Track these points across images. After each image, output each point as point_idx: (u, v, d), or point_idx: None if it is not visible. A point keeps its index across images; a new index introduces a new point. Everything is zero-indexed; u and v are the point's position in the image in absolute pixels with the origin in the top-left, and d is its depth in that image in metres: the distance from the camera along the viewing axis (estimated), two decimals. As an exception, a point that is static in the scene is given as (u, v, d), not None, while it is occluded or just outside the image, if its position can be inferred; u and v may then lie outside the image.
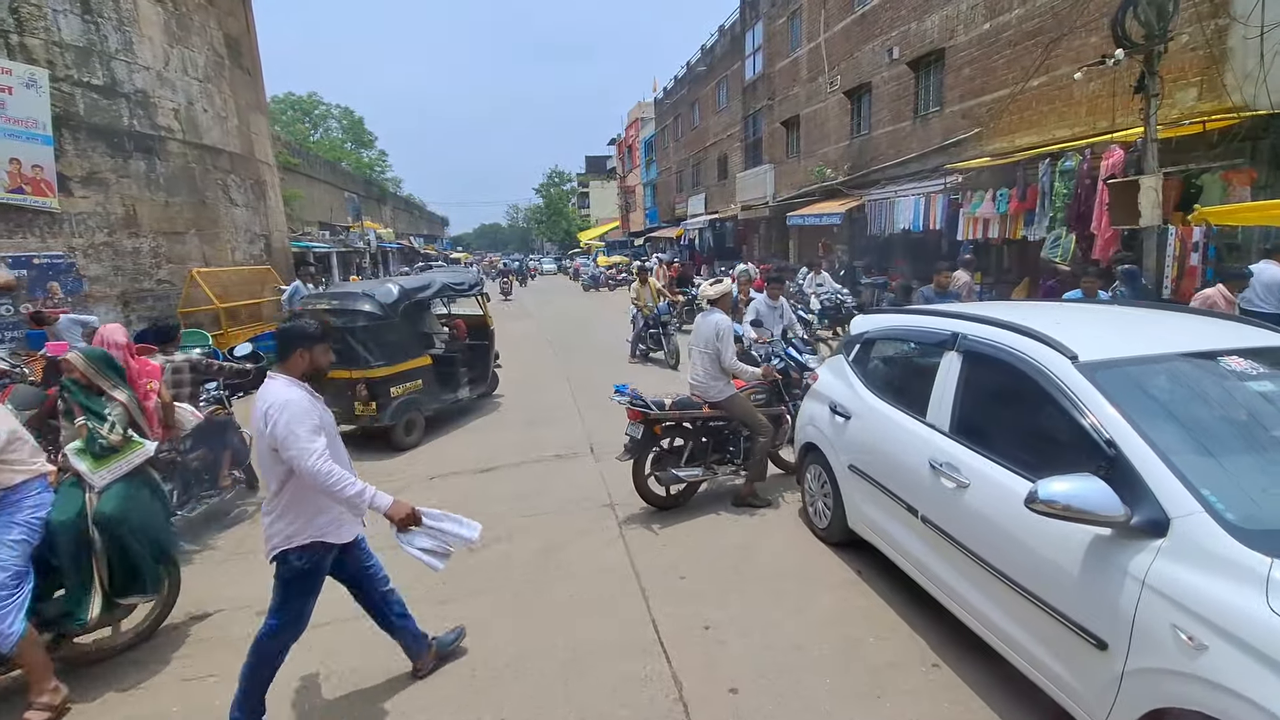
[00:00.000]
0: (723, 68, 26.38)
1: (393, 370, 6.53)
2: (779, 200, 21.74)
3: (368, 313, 6.45)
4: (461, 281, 8.18)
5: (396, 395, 6.53)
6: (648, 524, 4.58)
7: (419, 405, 6.86)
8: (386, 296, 6.65)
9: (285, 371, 2.64)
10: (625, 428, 4.68)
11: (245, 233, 12.41)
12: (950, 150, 13.77)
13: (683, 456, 4.74)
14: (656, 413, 4.58)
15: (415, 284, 7.45)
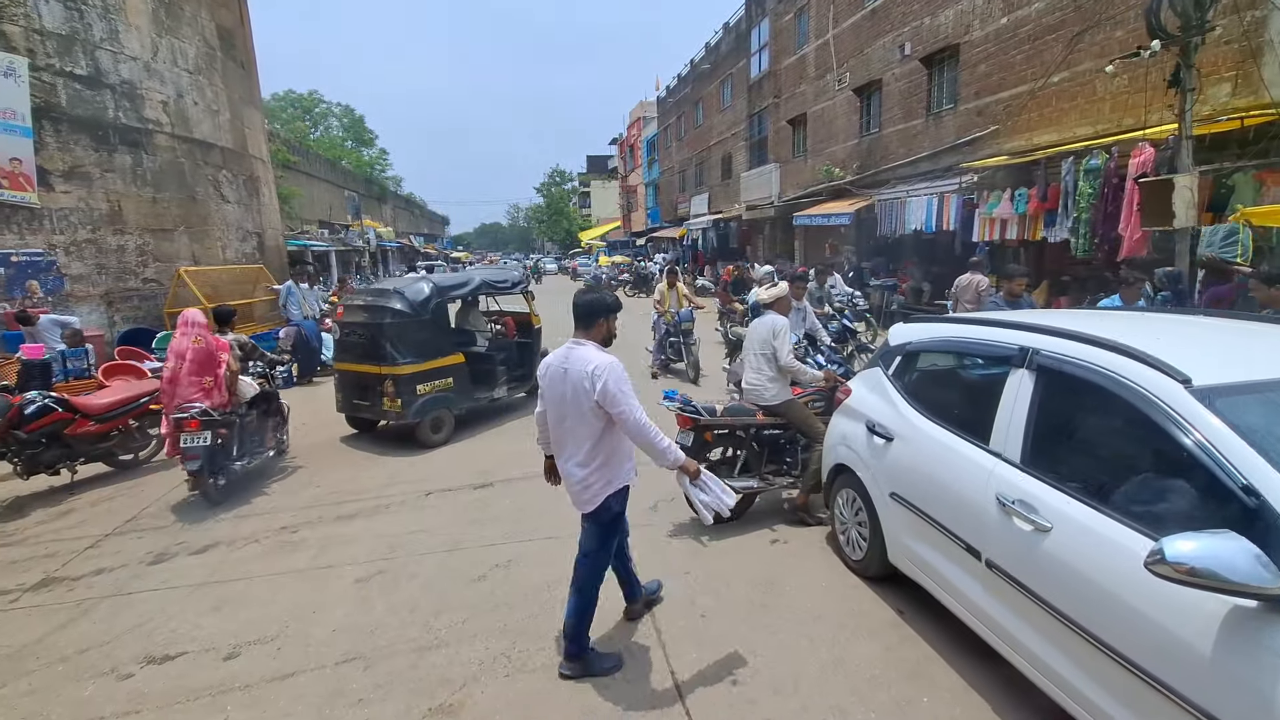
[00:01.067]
0: (727, 65, 25.98)
1: (419, 368, 6.49)
2: (784, 200, 21.33)
3: (395, 310, 6.45)
4: (504, 280, 7.98)
5: (423, 393, 6.50)
6: (661, 550, 4.17)
7: (449, 403, 6.82)
8: (417, 295, 6.62)
9: (589, 338, 2.95)
10: (675, 436, 4.33)
11: (237, 230, 12.00)
12: (964, 149, 13.37)
13: (736, 466, 4.41)
14: (708, 419, 4.26)
15: (451, 282, 7.35)
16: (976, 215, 12.18)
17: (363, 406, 6.80)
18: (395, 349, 6.38)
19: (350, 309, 6.91)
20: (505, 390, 7.69)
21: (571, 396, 2.84)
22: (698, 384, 8.52)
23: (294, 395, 9.36)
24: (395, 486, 5.50)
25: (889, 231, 15.13)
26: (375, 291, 6.99)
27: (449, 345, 6.99)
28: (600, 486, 2.88)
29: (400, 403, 6.37)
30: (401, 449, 6.76)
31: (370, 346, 6.47)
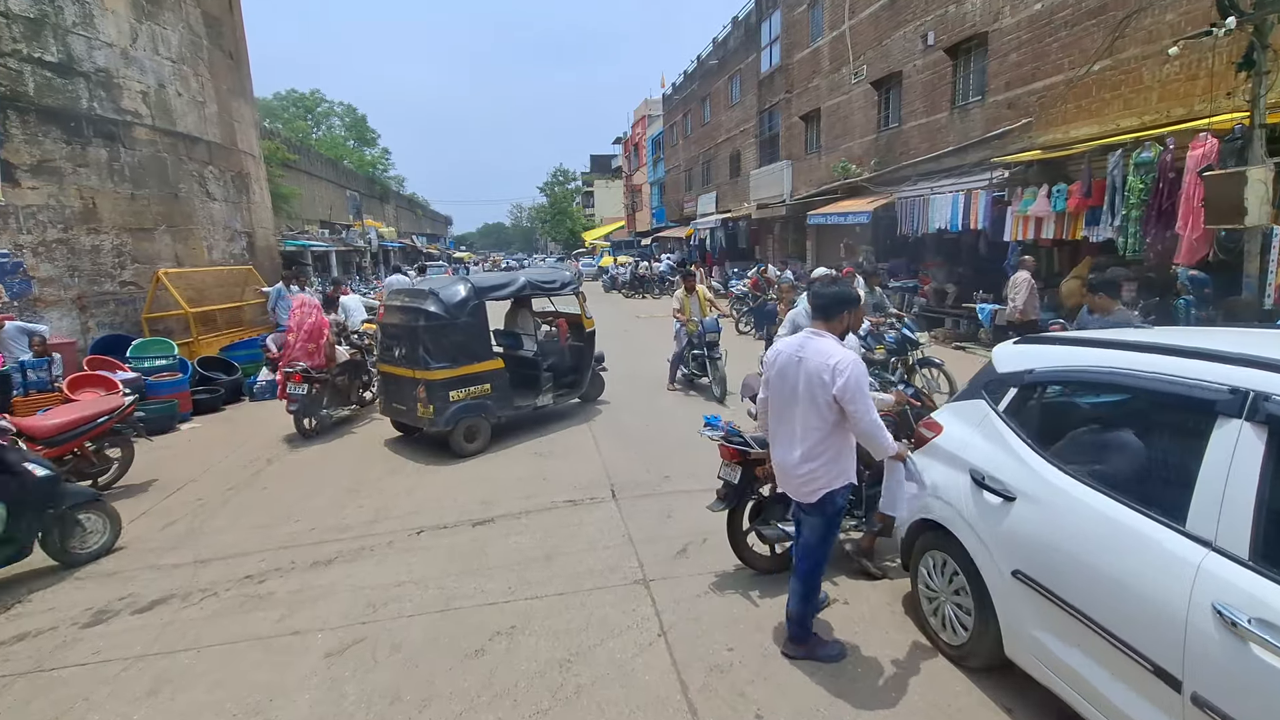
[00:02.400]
0: (736, 60, 25.27)
1: (452, 373, 6.18)
2: (796, 198, 20.62)
3: (429, 313, 6.16)
4: (551, 280, 7.42)
5: (456, 399, 6.21)
6: (693, 611, 3.47)
7: (485, 411, 6.48)
8: (451, 297, 6.30)
9: (830, 330, 2.89)
10: (719, 469, 3.75)
11: (224, 229, 11.33)
12: (993, 143, 12.64)
13: (791, 506, 3.70)
14: (759, 451, 3.59)
15: (490, 283, 6.89)
16: (1009, 213, 11.46)
17: (400, 411, 6.59)
18: (428, 353, 6.09)
19: (389, 310, 6.72)
20: (551, 398, 7.19)
21: (805, 388, 2.81)
22: (724, 403, 7.70)
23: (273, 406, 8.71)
24: (384, 521, 4.81)
25: (910, 231, 14.40)
26: (411, 293, 6.68)
27: (486, 350, 6.64)
28: (827, 480, 2.85)
29: (432, 409, 6.08)
30: (405, 460, 6.21)
31: (405, 349, 6.31)
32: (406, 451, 6.60)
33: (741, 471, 3.65)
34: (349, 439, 7.22)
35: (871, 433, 2.71)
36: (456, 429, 6.24)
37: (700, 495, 4.90)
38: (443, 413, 6.11)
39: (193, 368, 8.79)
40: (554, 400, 7.23)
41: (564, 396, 7.45)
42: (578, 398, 7.68)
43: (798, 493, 2.93)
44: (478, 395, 6.37)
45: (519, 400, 6.88)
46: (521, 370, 7.27)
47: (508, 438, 6.73)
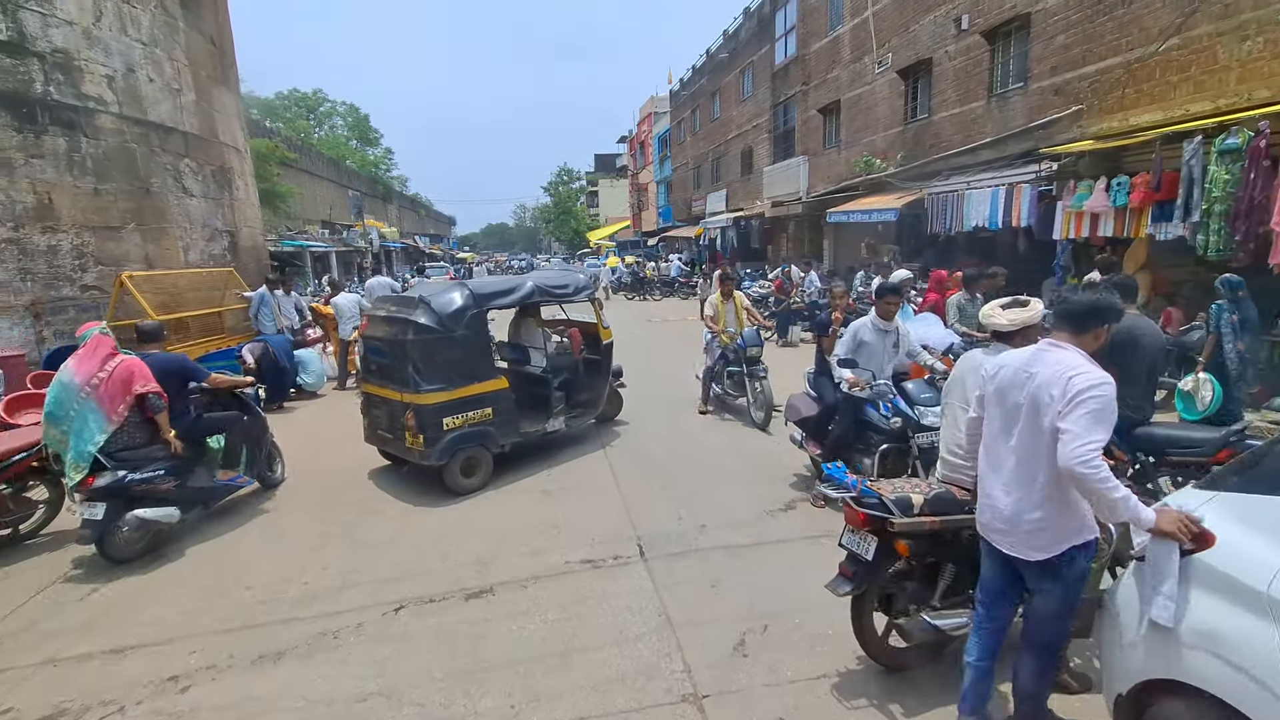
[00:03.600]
0: (748, 53, 24.29)
1: (447, 396, 5.29)
2: (814, 196, 19.64)
3: (419, 325, 5.26)
4: (564, 285, 6.48)
5: (452, 428, 5.31)
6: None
7: (487, 439, 5.57)
8: (445, 306, 5.41)
9: (1077, 343, 2.33)
10: (841, 536, 2.87)
11: (203, 228, 10.41)
12: (1037, 134, 11.64)
13: (938, 588, 2.79)
14: (903, 519, 2.65)
15: (492, 289, 5.94)
16: (1059, 209, 10.45)
17: (388, 439, 5.69)
18: (418, 372, 5.20)
19: (372, 321, 5.86)
20: (563, 421, 6.26)
21: (1029, 409, 2.29)
22: (767, 430, 6.69)
23: None
24: (355, 589, 3.85)
25: (943, 229, 13.37)
26: (399, 300, 5.81)
27: (488, 367, 5.74)
28: (1062, 532, 2.28)
29: (423, 440, 5.20)
30: (388, 498, 5.30)
31: (391, 367, 5.45)
32: (390, 485, 5.67)
33: (878, 545, 2.69)
34: (326, 471, 6.27)
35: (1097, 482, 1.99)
36: (452, 462, 5.33)
37: (747, 553, 3.95)
38: (435, 443, 5.20)
39: (159, 382, 7.86)
40: (567, 423, 6.30)
41: (578, 418, 6.51)
42: (593, 419, 6.74)
43: (1022, 549, 2.32)
44: (478, 421, 5.45)
45: (526, 425, 5.96)
46: (529, 389, 6.37)
47: (510, 468, 5.79)
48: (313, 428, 7.87)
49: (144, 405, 4.46)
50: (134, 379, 4.41)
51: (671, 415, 7.39)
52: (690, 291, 24.73)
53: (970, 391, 2.75)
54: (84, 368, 4.40)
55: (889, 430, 4.25)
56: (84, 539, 4.22)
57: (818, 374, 5.15)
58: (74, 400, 4.28)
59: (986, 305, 2.91)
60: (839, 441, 4.55)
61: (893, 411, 4.25)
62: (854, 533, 2.78)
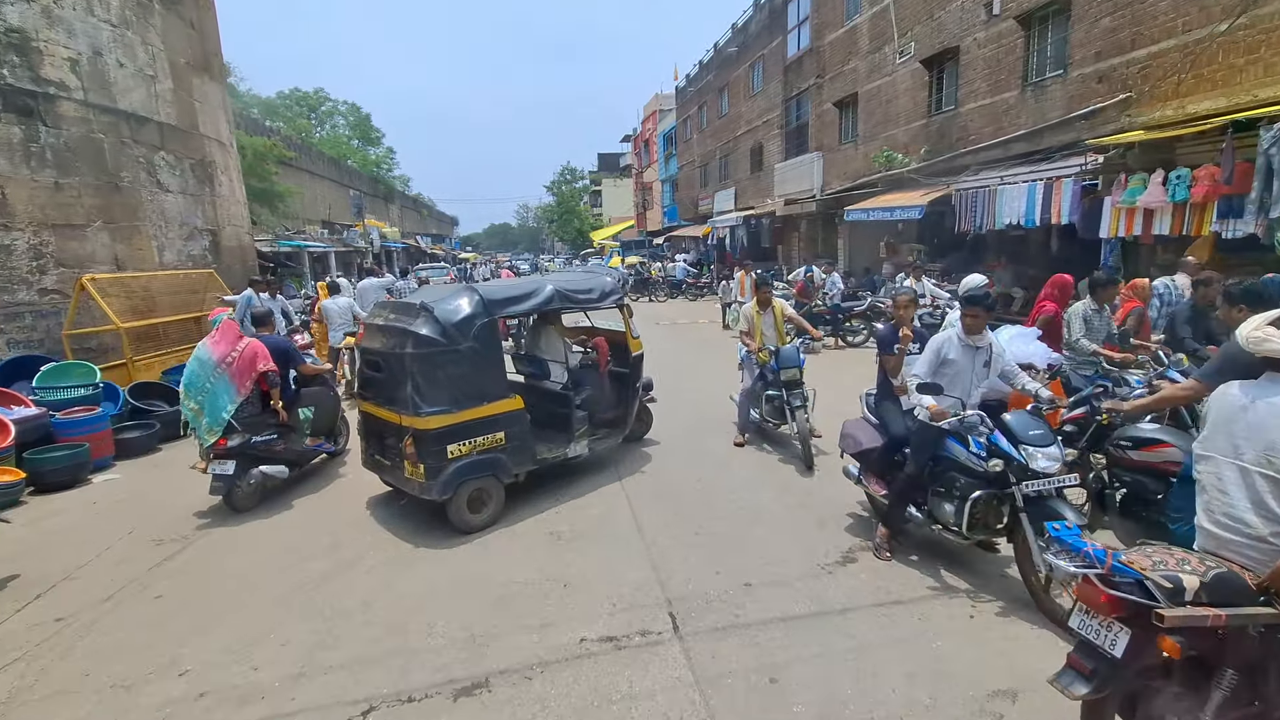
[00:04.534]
0: (759, 46, 23.47)
1: (452, 420, 4.56)
2: (829, 193, 18.83)
3: (420, 336, 4.52)
4: (587, 289, 5.65)
5: (456, 456, 4.57)
6: None
7: (498, 468, 4.81)
8: (450, 314, 4.66)
9: None
10: (1071, 614, 2.16)
11: (181, 227, 9.65)
12: (1078, 124, 10.83)
13: (1211, 700, 1.96)
14: (1175, 612, 1.87)
15: (504, 294, 5.13)
16: (1106, 205, 9.65)
17: (385, 467, 4.96)
18: (418, 392, 4.48)
19: (369, 331, 5.11)
20: (586, 444, 5.46)
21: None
22: (812, 469, 5.50)
23: None
24: (314, 677, 3.05)
25: (973, 226, 12.54)
26: (398, 308, 5.03)
27: (500, 385, 4.94)
28: None
29: (423, 470, 4.47)
30: (376, 538, 4.53)
31: (388, 385, 4.74)
32: (385, 520, 4.91)
33: (1131, 639, 1.92)
34: (311, 498, 5.49)
35: None
36: (457, 496, 4.57)
37: (807, 627, 3.18)
38: (438, 474, 4.46)
39: (124, 397, 7.10)
40: (590, 447, 5.49)
41: (603, 440, 5.69)
42: (618, 439, 5.89)
43: None
44: (487, 448, 4.71)
45: (544, 450, 5.19)
46: (547, 408, 5.60)
47: (513, 502, 4.97)
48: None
49: (263, 380, 5.32)
50: (258, 359, 5.32)
51: (697, 439, 6.51)
52: (698, 293, 23.91)
53: (1245, 439, 2.01)
54: (219, 348, 5.34)
55: (983, 474, 3.38)
56: (215, 490, 5.02)
57: (880, 398, 4.34)
58: (210, 375, 5.20)
59: (1249, 324, 2.10)
60: (911, 483, 3.73)
61: (988, 450, 3.39)
62: (1092, 616, 2.02)
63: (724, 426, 6.67)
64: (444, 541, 4.48)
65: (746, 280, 12.62)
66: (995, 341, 3.81)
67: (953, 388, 3.65)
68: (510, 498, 4.93)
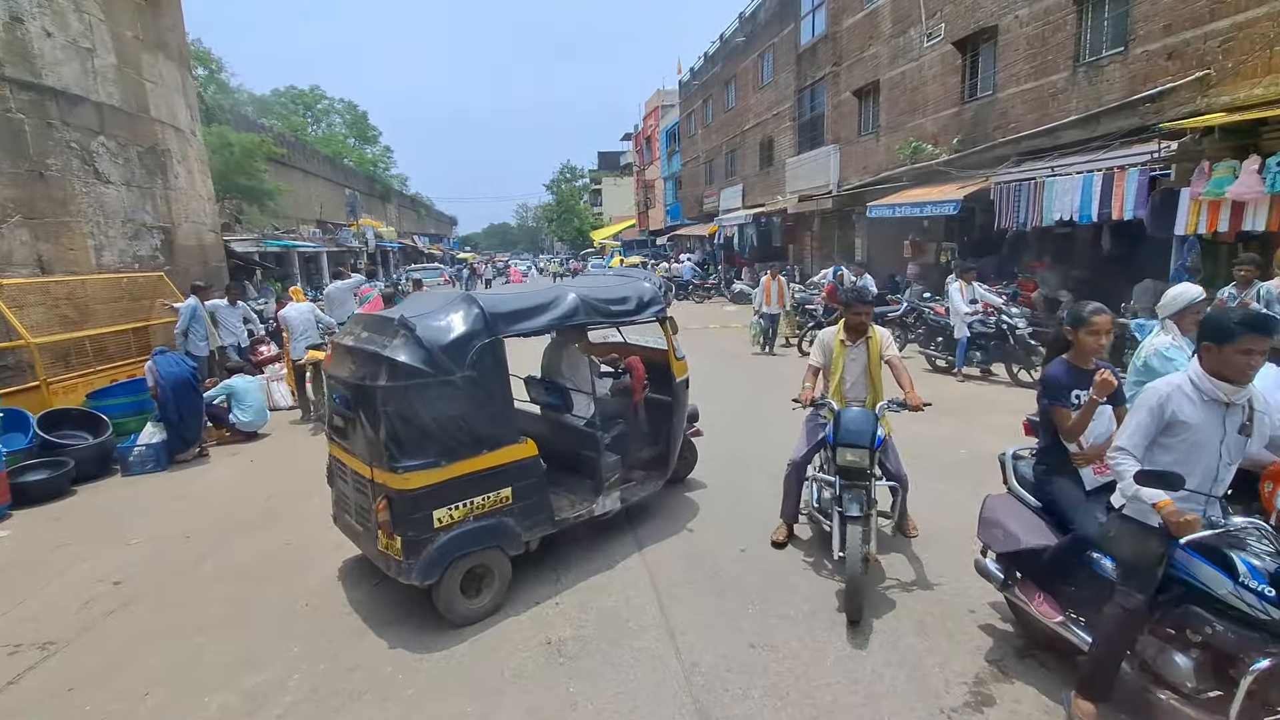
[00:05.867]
0: (768, 35, 22.27)
1: (439, 476, 3.39)
2: (846, 188, 17.63)
3: (395, 364, 3.32)
4: (621, 299, 4.37)
5: (446, 524, 3.41)
6: None
7: (503, 537, 3.62)
8: (439, 334, 3.47)
9: None
10: None
11: (124, 224, 8.43)
12: (1141, 108, 9.62)
13: None
14: None
15: (515, 305, 3.86)
16: (1183, 198, 8.41)
17: (357, 532, 3.79)
18: (394, 440, 3.31)
19: (337, 353, 3.91)
20: (618, 496, 4.23)
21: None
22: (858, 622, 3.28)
23: (152, 486, 5.82)
24: None
25: (1015, 223, 11.32)
26: (372, 324, 3.79)
27: (506, 426, 3.71)
28: None
29: (400, 544, 3.31)
30: (320, 634, 3.29)
31: (357, 426, 3.54)
32: (336, 605, 3.72)
33: None
34: (242, 567, 4.25)
35: None
36: (446, 578, 3.40)
37: None
38: (420, 550, 3.32)
39: (34, 428, 5.88)
40: (623, 498, 4.28)
41: (639, 487, 4.49)
42: (659, 485, 4.62)
43: None
44: (489, 510, 3.55)
45: (565, 507, 4.02)
46: (568, 449, 4.42)
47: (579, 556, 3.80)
48: (240, 487, 5.87)
49: None
50: None
51: (733, 484, 5.18)
52: (705, 294, 22.69)
53: None
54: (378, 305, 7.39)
55: (1272, 623, 2.02)
56: None
57: (1049, 470, 2.89)
58: None
59: None
60: (1134, 623, 2.28)
61: (1276, 580, 2.02)
62: None
63: (764, 466, 5.41)
64: (414, 643, 3.26)
65: (774, 286, 11.01)
66: (1258, 393, 2.40)
67: (1189, 467, 2.28)
68: (590, 545, 3.81)
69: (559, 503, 3.98)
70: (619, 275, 4.97)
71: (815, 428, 4.04)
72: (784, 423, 6.50)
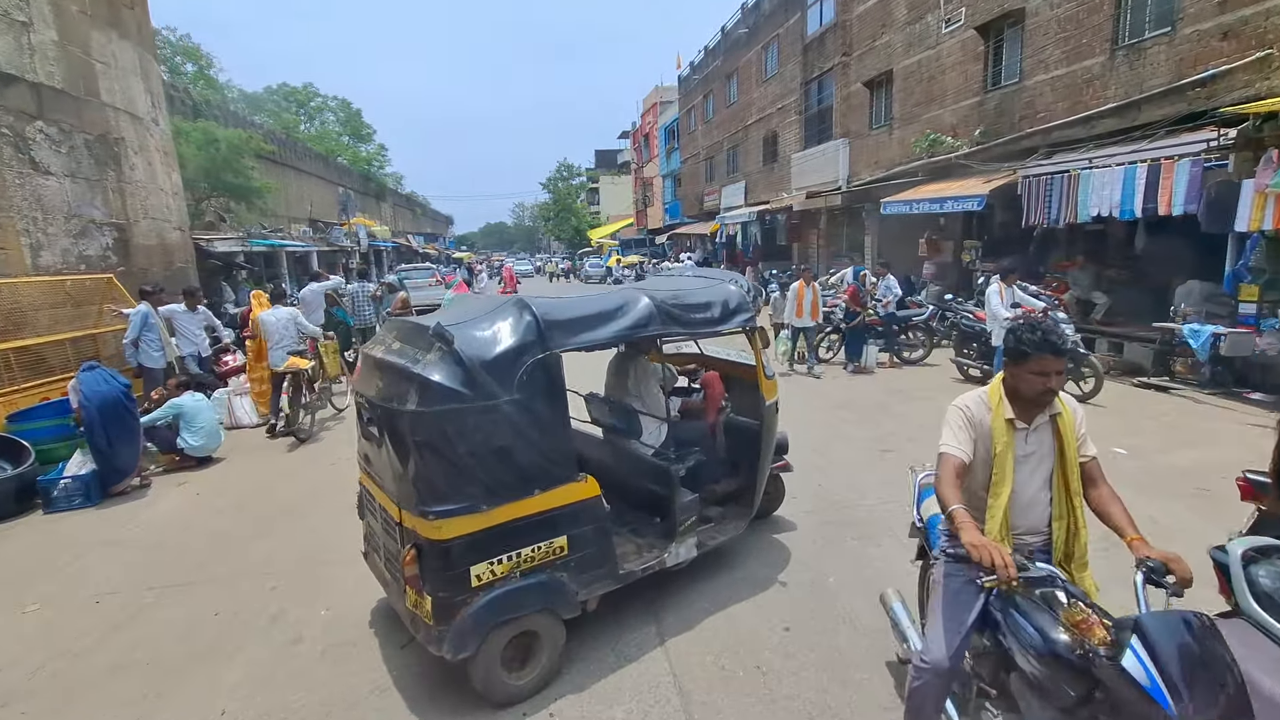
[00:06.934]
0: (773, 25, 21.43)
1: (479, 524, 2.71)
2: (857, 184, 16.82)
3: (427, 385, 2.66)
4: (704, 305, 3.57)
5: (487, 582, 2.75)
6: None
7: (556, 597, 2.93)
8: (482, 348, 2.78)
9: None
10: None
11: (68, 220, 7.56)
12: (1190, 93, 8.81)
13: None
14: None
15: (575, 313, 3.11)
16: (1247, 189, 7.60)
17: (386, 579, 3.20)
18: (423, 477, 2.68)
19: (365, 365, 3.25)
20: (694, 542, 3.47)
21: None
22: None
23: (76, 526, 4.96)
24: None
25: (1046, 218, 10.49)
26: (405, 332, 3.14)
27: (563, 460, 2.98)
28: None
29: (430, 606, 2.68)
30: None
31: (384, 456, 2.93)
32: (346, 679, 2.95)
33: None
34: (187, 640, 3.40)
35: None
36: (487, 649, 2.74)
37: None
38: (453, 614, 2.68)
39: None
40: (700, 544, 3.52)
41: (717, 529, 3.71)
42: (742, 527, 3.83)
43: None
44: (540, 564, 2.88)
45: (631, 555, 3.33)
46: (633, 480, 3.71)
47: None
48: (178, 528, 5.00)
49: None
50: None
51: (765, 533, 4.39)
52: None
53: None
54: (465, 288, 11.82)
55: None
56: None
57: None
58: None
59: None
60: None
61: None
62: None
63: (801, 509, 4.54)
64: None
65: (807, 293, 9.43)
66: None
67: None
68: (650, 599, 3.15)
69: (623, 549, 3.25)
70: (699, 276, 4.10)
71: (964, 591, 2.10)
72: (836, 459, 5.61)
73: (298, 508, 5.11)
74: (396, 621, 3.27)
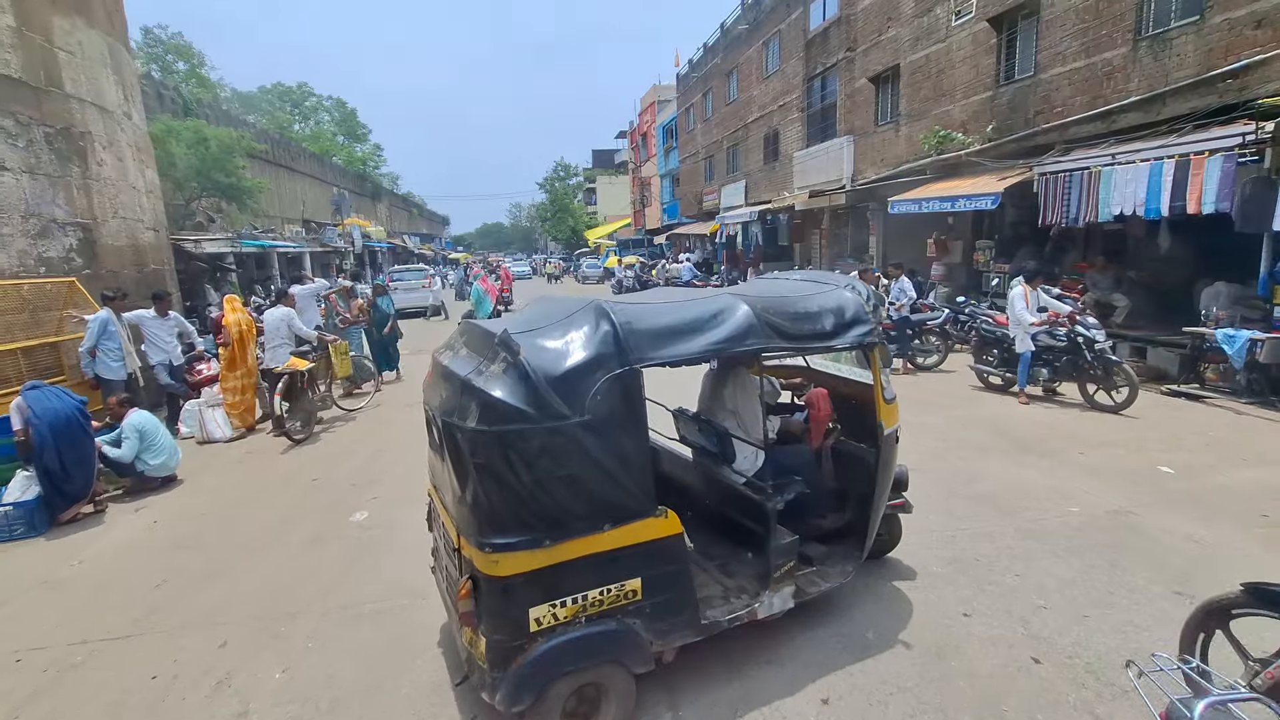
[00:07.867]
0: (774, 21, 20.96)
1: (541, 561, 2.38)
2: (862, 182, 16.34)
3: (488, 402, 2.34)
4: (813, 314, 3.09)
5: (546, 627, 2.42)
6: None
7: (624, 649, 2.56)
8: (548, 362, 2.44)
9: None
10: None
11: (26, 219, 7.04)
12: (1220, 85, 8.36)
13: None
14: None
15: (660, 321, 2.70)
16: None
17: (447, 606, 2.97)
18: (481, 504, 2.38)
19: (434, 371, 2.93)
20: (790, 590, 2.98)
21: None
22: None
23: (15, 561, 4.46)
24: None
25: (1065, 217, 10.02)
26: (474, 338, 2.83)
27: (639, 491, 2.57)
28: None
29: (485, 649, 2.42)
30: None
31: (445, 473, 2.65)
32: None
33: None
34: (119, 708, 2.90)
35: None
36: (544, 704, 2.43)
37: None
38: (509, 660, 2.39)
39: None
40: (797, 592, 3.01)
41: (820, 576, 3.17)
42: (850, 574, 3.25)
43: None
44: (609, 609, 2.53)
45: (716, 601, 2.91)
46: (722, 512, 3.35)
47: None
48: (128, 564, 4.48)
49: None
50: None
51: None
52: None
53: None
54: (488, 284, 13.92)
55: None
56: None
57: None
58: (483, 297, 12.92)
59: None
60: None
61: None
62: None
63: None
64: None
65: None
66: None
67: None
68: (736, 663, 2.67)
69: (707, 591, 2.86)
70: (808, 279, 3.53)
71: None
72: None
73: (263, 541, 4.59)
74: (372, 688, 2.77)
